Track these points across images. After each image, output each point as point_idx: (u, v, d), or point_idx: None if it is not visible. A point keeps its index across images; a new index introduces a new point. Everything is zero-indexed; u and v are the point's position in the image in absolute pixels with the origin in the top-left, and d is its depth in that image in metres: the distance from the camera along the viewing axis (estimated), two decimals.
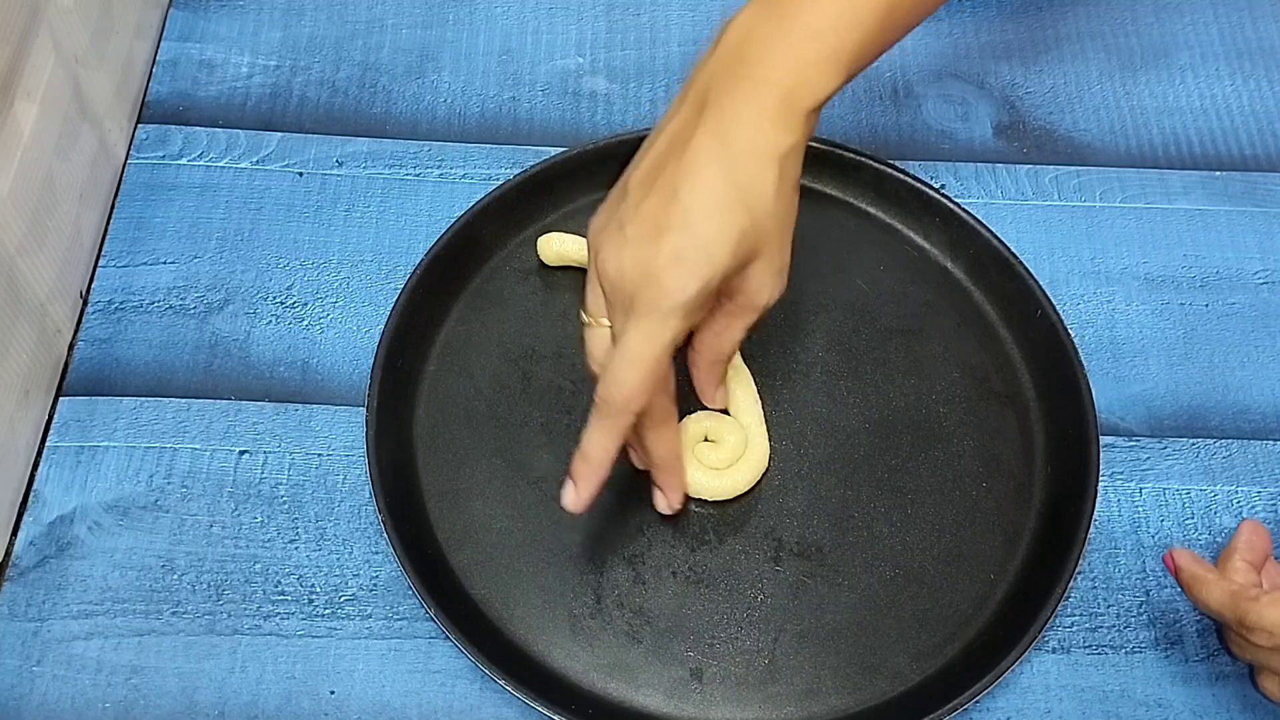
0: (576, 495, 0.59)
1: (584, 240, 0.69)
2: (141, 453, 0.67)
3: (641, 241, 0.57)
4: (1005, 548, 0.66)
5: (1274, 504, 0.68)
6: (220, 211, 0.75)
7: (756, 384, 0.69)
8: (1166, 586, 0.66)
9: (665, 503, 0.64)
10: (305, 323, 0.72)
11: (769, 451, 0.67)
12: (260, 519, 0.66)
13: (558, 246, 0.72)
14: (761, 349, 0.70)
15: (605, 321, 0.60)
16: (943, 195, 0.74)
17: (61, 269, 0.69)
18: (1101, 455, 0.66)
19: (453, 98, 0.80)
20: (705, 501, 0.66)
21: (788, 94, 0.57)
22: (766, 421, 0.68)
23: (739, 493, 0.66)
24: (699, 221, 0.56)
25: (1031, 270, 0.71)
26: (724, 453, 0.66)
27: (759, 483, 0.67)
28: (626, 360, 0.57)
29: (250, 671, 0.62)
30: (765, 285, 0.60)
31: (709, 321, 0.61)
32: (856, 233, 0.75)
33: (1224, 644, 0.63)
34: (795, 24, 0.57)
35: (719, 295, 0.59)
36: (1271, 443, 0.70)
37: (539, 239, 0.72)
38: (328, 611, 0.63)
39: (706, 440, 0.67)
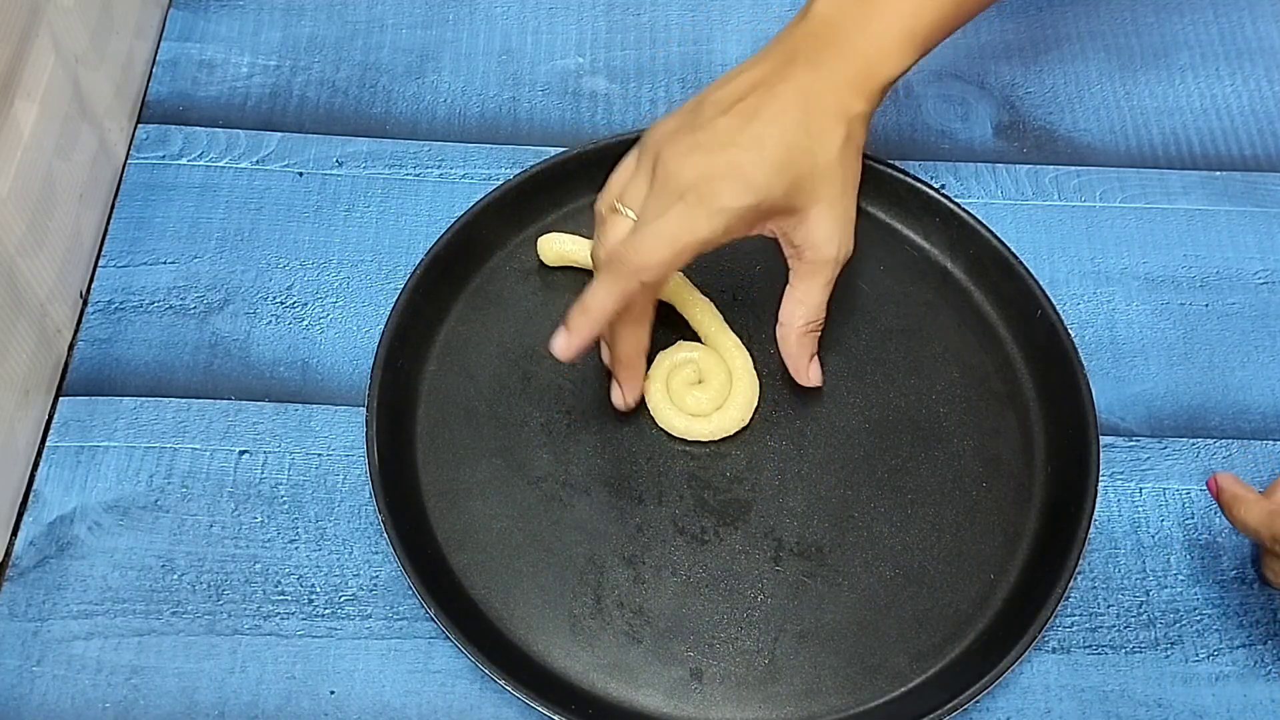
0: (567, 342, 0.62)
1: (584, 240, 0.70)
2: (141, 453, 0.67)
3: (710, 148, 0.61)
4: (1005, 548, 0.66)
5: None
6: (220, 211, 0.75)
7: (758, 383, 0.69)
8: (1167, 586, 0.66)
9: (620, 398, 0.67)
10: (305, 323, 0.72)
11: (757, 387, 0.68)
12: (260, 519, 0.66)
13: (558, 246, 0.72)
14: (762, 349, 0.70)
15: (633, 213, 0.62)
16: (943, 195, 0.74)
17: (61, 269, 0.69)
18: (1101, 455, 0.66)
19: (453, 98, 0.80)
20: (705, 500, 0.66)
21: (867, 66, 0.63)
22: (765, 419, 0.68)
23: (729, 433, 0.67)
24: (769, 148, 0.61)
25: (1031, 270, 0.71)
26: (710, 393, 0.67)
27: (759, 482, 0.67)
28: (658, 234, 0.60)
29: (250, 671, 0.62)
30: (833, 236, 0.64)
31: (789, 291, 0.66)
32: (857, 233, 0.74)
33: (1258, 572, 0.64)
34: (875, 9, 0.63)
35: (788, 250, 0.65)
36: (1271, 443, 0.70)
37: (539, 239, 0.72)
38: (328, 611, 0.63)
39: (690, 381, 0.68)
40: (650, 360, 0.68)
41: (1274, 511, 0.59)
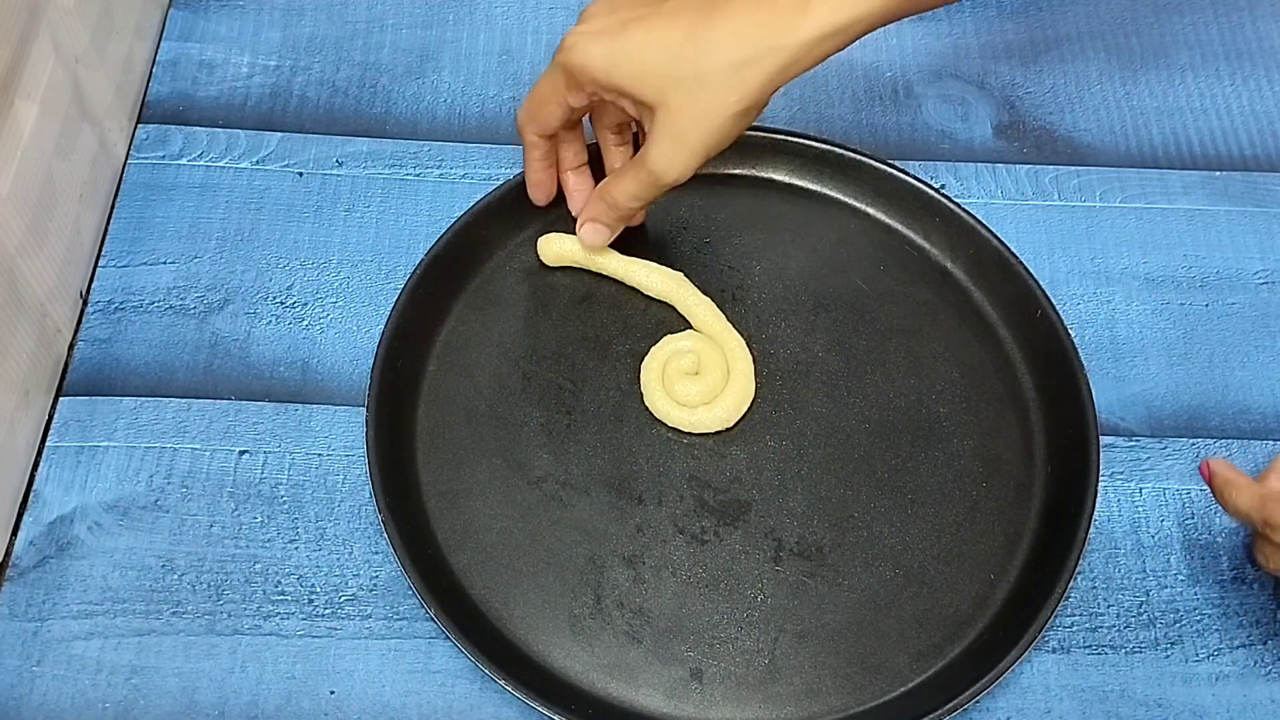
0: (531, 191, 0.71)
1: None
2: (141, 453, 0.67)
3: (604, 13, 0.63)
4: (1005, 548, 0.66)
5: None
6: (220, 211, 0.75)
7: (757, 383, 0.69)
8: (1166, 586, 0.66)
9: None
10: (305, 323, 0.72)
11: (753, 390, 0.68)
12: (260, 519, 0.66)
13: (557, 247, 0.72)
14: (762, 348, 0.70)
15: None
16: (943, 195, 0.74)
17: (61, 269, 0.69)
18: (1101, 455, 0.66)
19: (453, 98, 0.80)
20: (705, 500, 0.66)
21: (800, 5, 0.59)
22: (765, 419, 0.68)
23: (725, 426, 0.68)
24: (638, 26, 0.61)
25: (1031, 270, 0.71)
26: (703, 386, 0.67)
27: (759, 482, 0.67)
28: (530, 94, 0.67)
29: (250, 671, 0.62)
30: (659, 144, 0.63)
31: (610, 150, 0.70)
32: (856, 233, 0.75)
33: (1249, 556, 0.64)
34: None
35: (628, 124, 0.67)
36: (1271, 443, 0.70)
37: (539, 239, 0.72)
38: (328, 611, 0.63)
39: (688, 371, 0.68)
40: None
41: (1265, 496, 0.59)
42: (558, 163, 0.71)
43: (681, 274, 0.71)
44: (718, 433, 0.68)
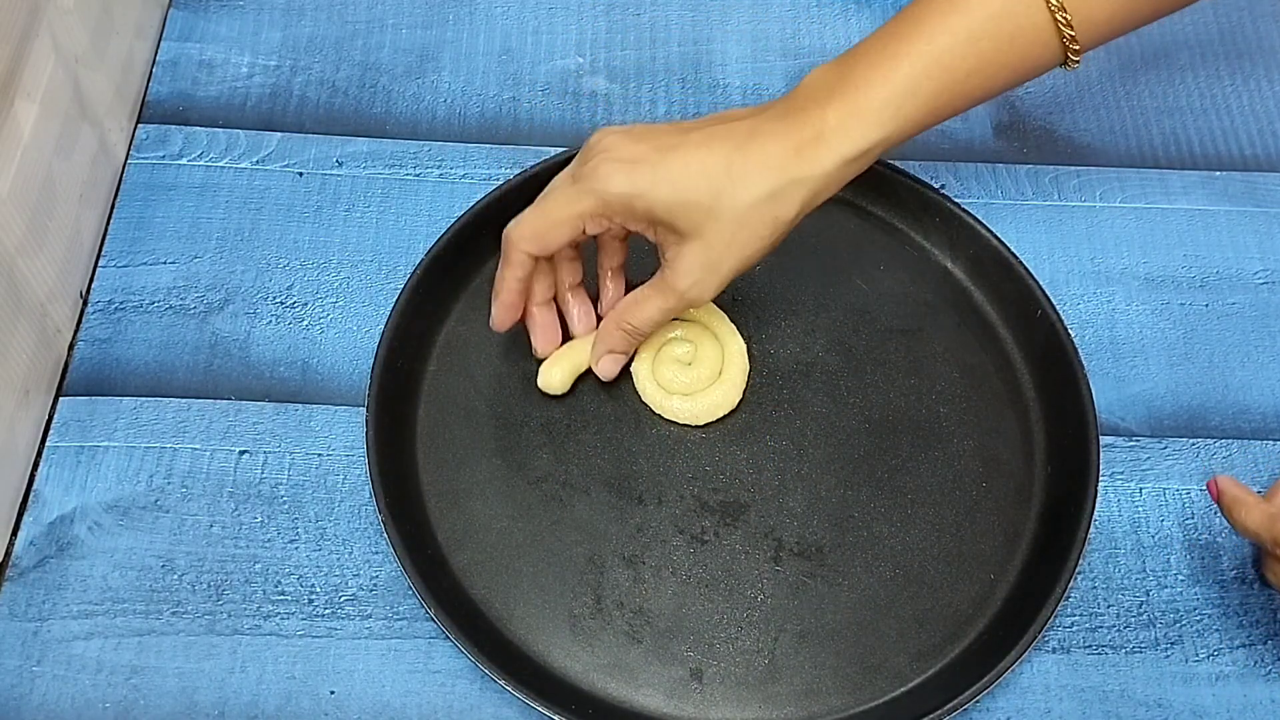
0: (494, 316, 0.66)
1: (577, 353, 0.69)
2: (141, 453, 0.67)
3: (629, 139, 0.62)
4: (1005, 548, 0.66)
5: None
6: (220, 211, 0.75)
7: (756, 383, 0.69)
8: (1166, 586, 0.66)
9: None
10: (305, 323, 0.72)
11: (741, 386, 0.68)
12: (260, 519, 0.66)
13: (560, 376, 0.68)
14: (762, 348, 0.70)
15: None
16: (943, 195, 0.74)
17: (61, 269, 0.69)
18: (1101, 455, 0.66)
19: (453, 98, 0.80)
20: (705, 500, 0.66)
21: (822, 134, 0.61)
22: (765, 419, 0.68)
23: (716, 417, 0.68)
24: (681, 157, 0.61)
25: (1031, 270, 0.71)
26: (691, 376, 0.68)
27: (759, 482, 0.67)
28: (537, 209, 0.63)
29: (250, 671, 0.62)
30: (693, 273, 0.62)
31: (641, 288, 0.65)
32: (856, 233, 0.75)
33: (1258, 572, 0.64)
34: (855, 76, 0.61)
35: (661, 258, 0.63)
36: (1271, 443, 0.70)
37: (541, 377, 0.68)
38: (328, 611, 0.63)
39: (680, 360, 0.69)
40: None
41: (1274, 515, 0.59)
42: (556, 284, 0.67)
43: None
44: (717, 432, 0.68)
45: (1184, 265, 0.76)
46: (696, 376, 0.68)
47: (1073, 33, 0.62)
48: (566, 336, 0.69)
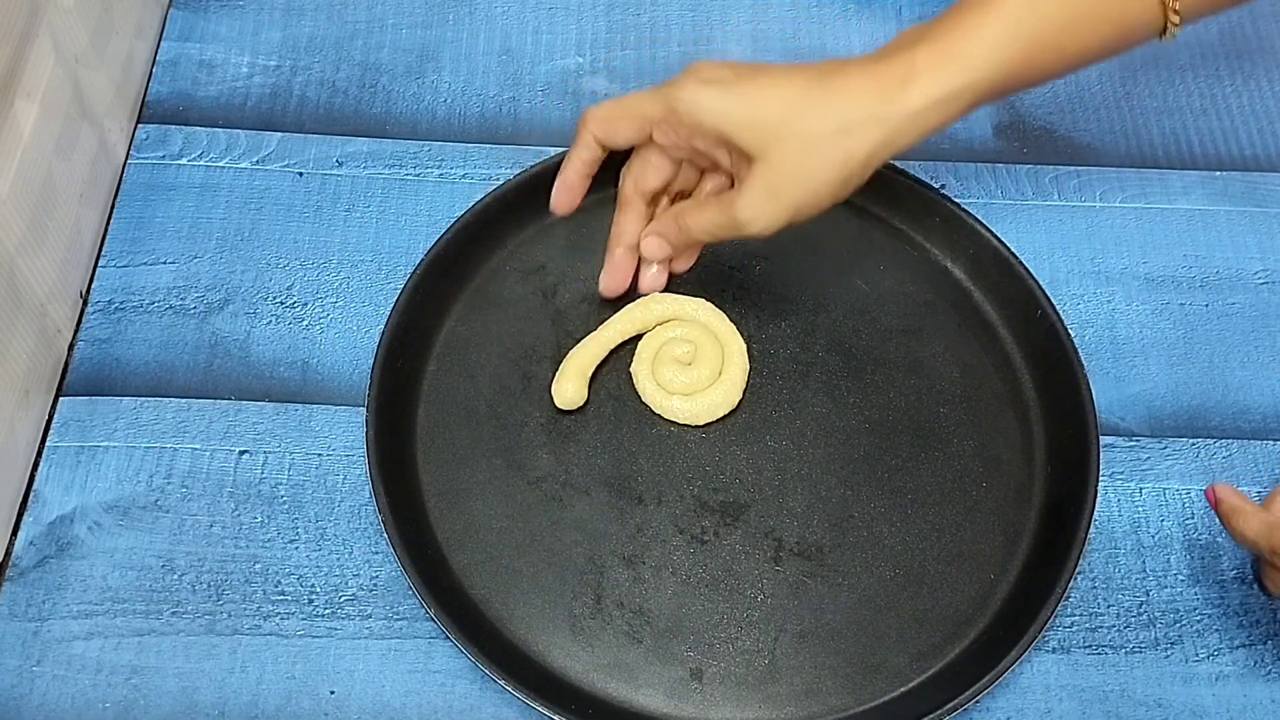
0: (554, 196, 0.68)
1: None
2: (141, 453, 0.67)
3: (726, 65, 0.63)
4: (1005, 548, 0.66)
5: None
6: (220, 211, 0.75)
7: (756, 383, 0.69)
8: (1166, 586, 0.66)
9: (603, 279, 0.70)
10: (305, 323, 0.72)
11: (741, 388, 0.68)
12: (260, 519, 0.66)
13: (573, 392, 0.68)
14: (762, 349, 0.70)
15: None
16: (943, 195, 0.74)
17: (61, 269, 0.69)
18: (1101, 455, 0.66)
19: (453, 98, 0.80)
20: (705, 500, 0.66)
21: (910, 77, 0.60)
22: (765, 419, 0.68)
23: (716, 417, 0.68)
24: (760, 81, 0.61)
25: (1031, 270, 0.71)
26: (694, 375, 0.67)
27: (759, 482, 0.67)
28: (617, 100, 0.66)
29: (250, 671, 0.62)
30: (752, 194, 0.62)
31: (696, 192, 0.67)
32: (857, 233, 0.75)
33: (1258, 580, 0.64)
34: (946, 28, 0.60)
35: (717, 166, 0.65)
36: (1271, 443, 0.70)
37: (554, 388, 0.68)
38: (328, 611, 0.63)
39: (680, 360, 0.68)
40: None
41: (1272, 523, 0.59)
42: (636, 194, 0.68)
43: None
44: (717, 432, 0.68)
45: (1184, 265, 0.76)
46: (696, 376, 0.68)
47: (1178, 16, 0.61)
48: (631, 295, 0.70)
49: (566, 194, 0.68)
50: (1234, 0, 0.65)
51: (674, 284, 0.71)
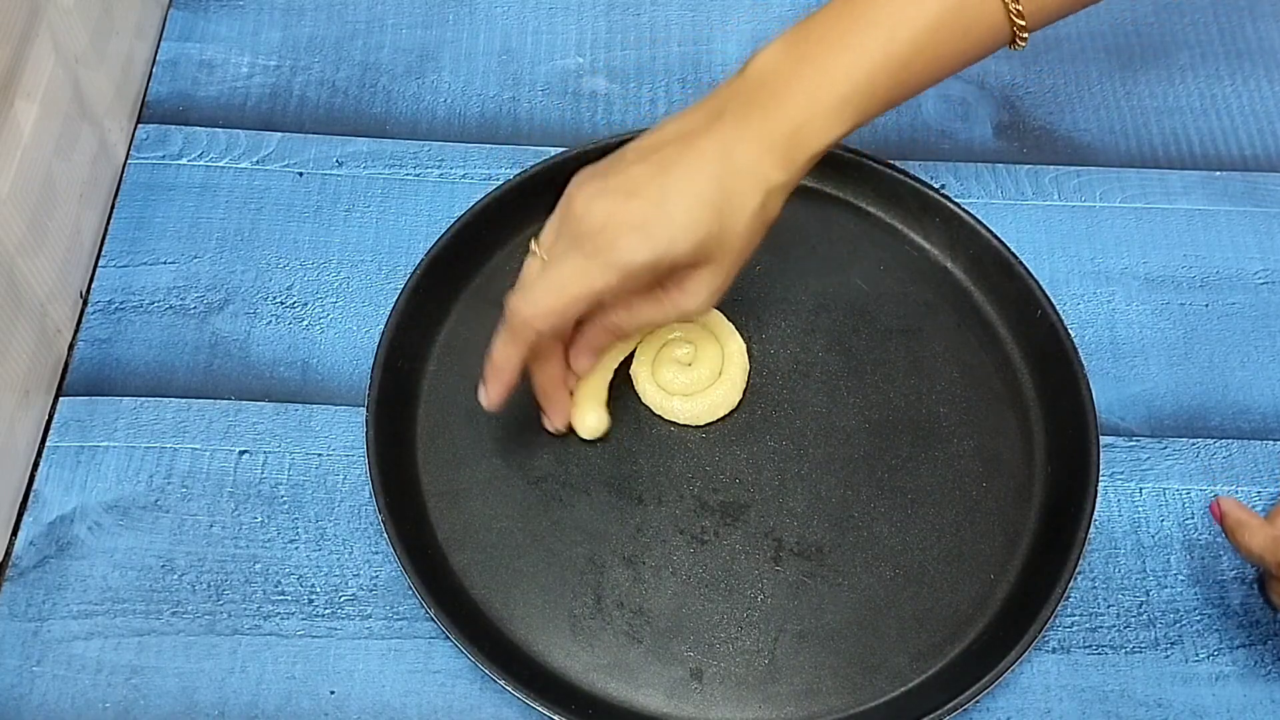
0: (487, 395, 0.63)
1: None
2: (141, 453, 0.67)
3: (617, 195, 0.59)
4: (1005, 548, 0.66)
5: (1274, 504, 0.68)
6: (220, 211, 0.75)
7: (756, 383, 0.69)
8: (1167, 586, 0.66)
9: (549, 423, 0.67)
10: (305, 323, 0.72)
11: (741, 387, 0.68)
12: (260, 519, 0.66)
13: (594, 422, 0.68)
14: (762, 349, 0.70)
15: (544, 254, 0.61)
16: (943, 195, 0.74)
17: (61, 269, 0.69)
18: (1101, 455, 0.66)
19: (453, 98, 0.80)
20: (705, 500, 0.66)
21: (794, 132, 0.59)
22: (765, 419, 0.68)
23: (716, 417, 0.68)
24: (676, 204, 0.58)
25: (1031, 270, 0.71)
26: (694, 375, 0.67)
27: (759, 482, 0.67)
28: (549, 284, 0.59)
29: (250, 671, 0.62)
30: (699, 294, 0.61)
31: (629, 295, 0.62)
32: (856, 233, 0.75)
33: (1263, 593, 0.64)
34: (813, 67, 0.60)
35: (654, 283, 0.61)
36: (1271, 443, 0.70)
37: (577, 422, 0.67)
38: (328, 611, 0.63)
39: (680, 361, 0.68)
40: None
41: (1277, 537, 0.59)
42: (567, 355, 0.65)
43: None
44: (717, 432, 0.68)
45: (1184, 265, 0.76)
46: (696, 377, 0.68)
47: (1023, 22, 0.61)
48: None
49: (506, 391, 0.62)
50: (1082, 3, 0.64)
51: None
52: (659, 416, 0.68)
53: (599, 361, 0.66)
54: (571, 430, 0.67)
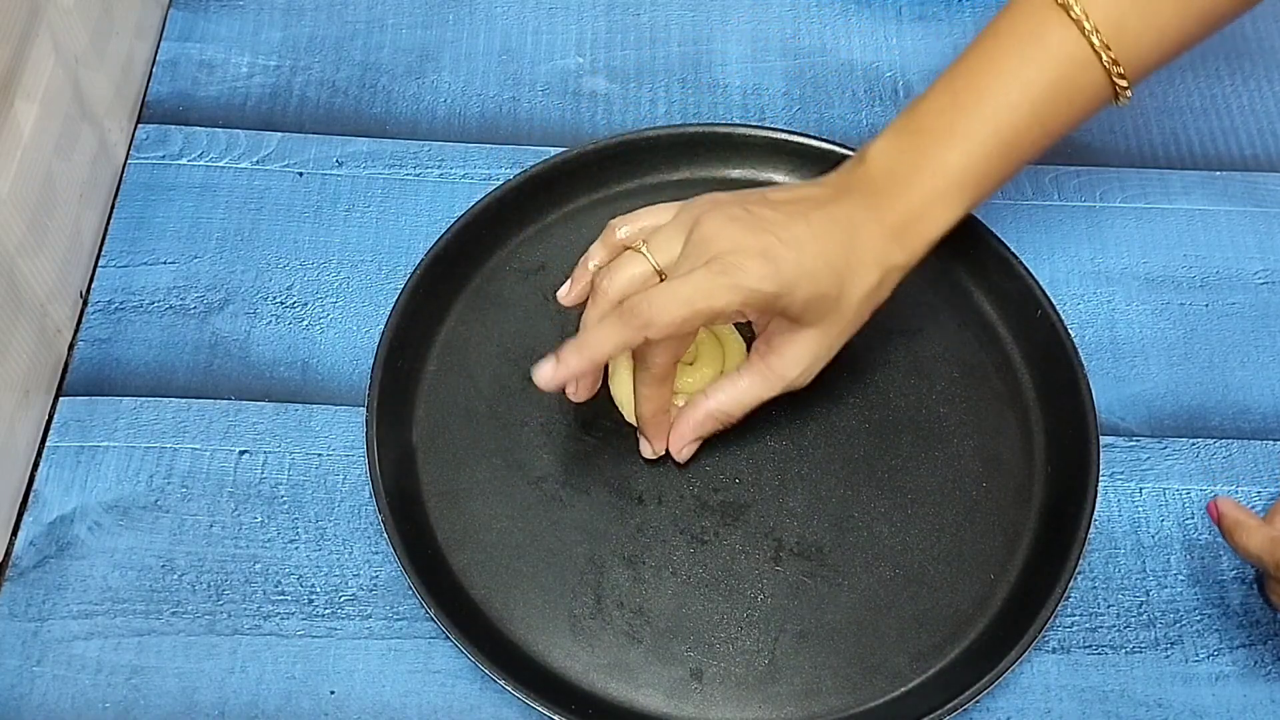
0: (553, 373, 0.61)
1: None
2: (141, 453, 0.67)
3: (751, 227, 0.60)
4: (1005, 548, 0.66)
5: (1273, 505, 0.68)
6: (220, 211, 0.75)
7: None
8: (1166, 586, 0.66)
9: (649, 449, 0.67)
10: (305, 323, 0.72)
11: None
12: (260, 519, 0.66)
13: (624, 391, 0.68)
14: None
15: (654, 260, 0.61)
16: None
17: (61, 269, 0.69)
18: (1101, 455, 0.66)
19: (453, 98, 0.80)
20: (705, 500, 0.66)
21: (913, 220, 0.63)
22: (765, 419, 0.68)
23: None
24: (805, 251, 0.60)
25: (1031, 270, 0.71)
26: (695, 375, 0.67)
27: (759, 482, 0.67)
28: (677, 295, 0.59)
29: (250, 671, 0.62)
30: (803, 362, 0.63)
31: (735, 375, 0.65)
32: None
33: (1262, 593, 0.64)
34: (928, 161, 0.63)
35: (759, 344, 0.64)
36: (1271, 443, 0.70)
37: (618, 392, 0.67)
38: (328, 611, 0.63)
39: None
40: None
41: (1275, 538, 0.59)
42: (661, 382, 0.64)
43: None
44: (717, 432, 0.68)
45: (1184, 265, 0.76)
46: (697, 377, 0.68)
47: (1125, 82, 0.63)
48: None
49: (584, 369, 0.61)
50: (1179, 50, 0.65)
51: None
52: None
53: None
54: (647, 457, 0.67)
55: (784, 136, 0.75)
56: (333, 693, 0.61)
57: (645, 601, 0.64)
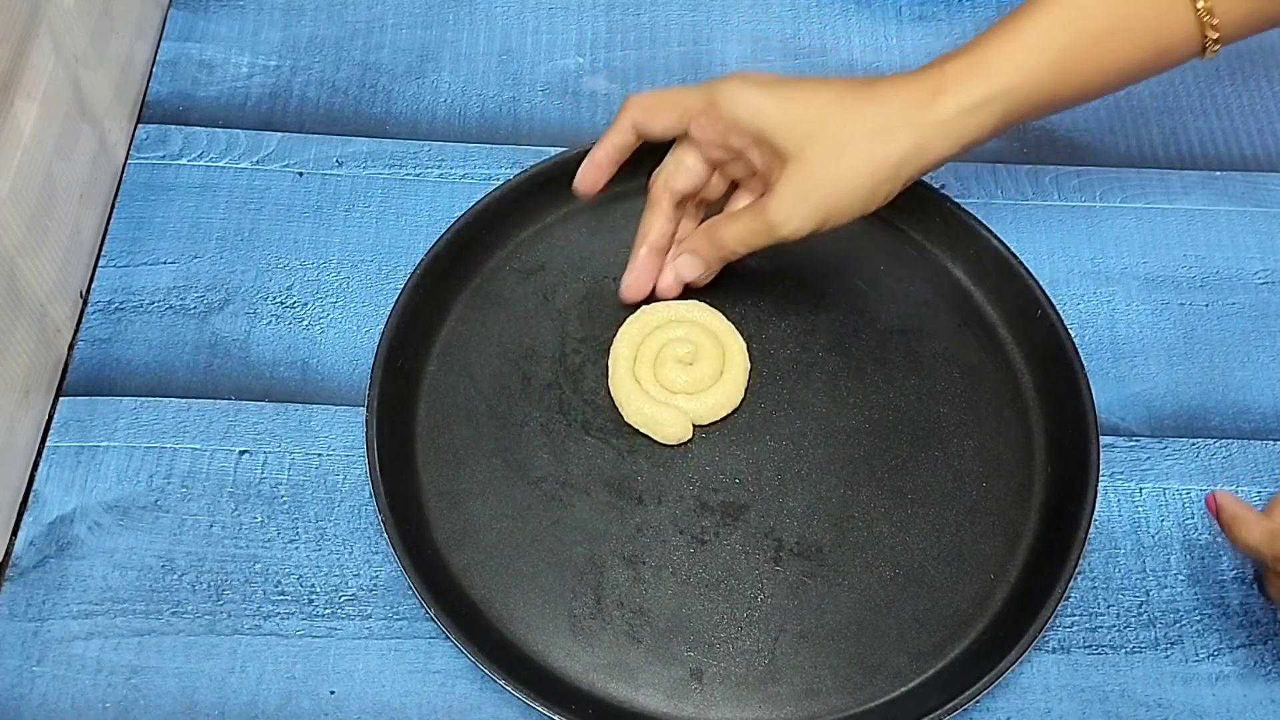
0: (579, 175, 0.69)
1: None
2: (141, 453, 0.67)
3: (755, 73, 0.65)
4: (1005, 548, 0.66)
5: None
6: (220, 211, 0.75)
7: (756, 383, 0.69)
8: (1166, 586, 0.66)
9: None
10: (305, 323, 0.72)
11: (748, 369, 0.69)
12: (260, 519, 0.66)
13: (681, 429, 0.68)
14: (762, 349, 0.70)
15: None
16: (943, 195, 0.74)
17: (61, 269, 0.69)
18: (1101, 455, 0.66)
19: (453, 98, 0.80)
20: (705, 500, 0.66)
21: (943, 84, 0.62)
22: (766, 419, 0.68)
23: (717, 417, 0.68)
24: (792, 85, 0.64)
25: (1031, 270, 0.71)
26: (695, 374, 0.67)
27: (759, 482, 0.67)
28: (659, 89, 0.68)
29: (250, 671, 0.62)
30: (783, 196, 0.63)
31: (727, 207, 0.68)
32: (856, 233, 0.74)
33: (1261, 590, 0.64)
34: (986, 60, 0.62)
35: (755, 184, 0.66)
36: (1271, 443, 0.70)
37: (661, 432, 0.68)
38: (328, 611, 0.63)
39: (681, 360, 0.68)
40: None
41: (1274, 531, 0.59)
42: (665, 192, 0.68)
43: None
44: (717, 432, 0.68)
45: (1184, 265, 0.76)
46: (697, 376, 0.68)
47: (1217, 35, 0.61)
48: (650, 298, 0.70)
49: (593, 172, 0.68)
50: (1276, 21, 0.64)
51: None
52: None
53: (700, 277, 0.69)
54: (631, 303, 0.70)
55: None
56: (333, 693, 0.61)
57: (645, 601, 0.64)
